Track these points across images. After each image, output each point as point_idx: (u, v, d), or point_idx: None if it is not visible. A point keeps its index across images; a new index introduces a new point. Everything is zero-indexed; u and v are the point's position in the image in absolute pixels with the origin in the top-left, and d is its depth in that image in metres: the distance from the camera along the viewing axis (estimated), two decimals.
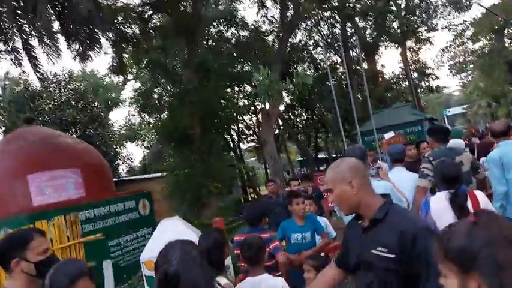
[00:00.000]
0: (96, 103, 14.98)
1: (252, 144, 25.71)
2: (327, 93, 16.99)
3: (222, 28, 14.05)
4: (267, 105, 8.69)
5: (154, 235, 3.49)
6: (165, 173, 11.38)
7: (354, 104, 15.30)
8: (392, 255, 1.52)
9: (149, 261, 3.14)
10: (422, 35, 18.19)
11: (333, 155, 25.58)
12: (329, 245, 3.39)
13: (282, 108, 20.54)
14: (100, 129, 13.45)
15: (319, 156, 22.95)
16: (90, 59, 7.84)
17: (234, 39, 16.27)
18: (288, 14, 10.70)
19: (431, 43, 18.81)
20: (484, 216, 0.99)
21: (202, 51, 9.54)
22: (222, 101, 12.56)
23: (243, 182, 20.35)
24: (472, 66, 24.06)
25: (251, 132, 24.70)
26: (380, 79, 18.63)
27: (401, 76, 19.46)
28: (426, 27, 19.10)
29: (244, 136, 23.33)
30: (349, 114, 16.22)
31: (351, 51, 15.91)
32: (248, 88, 20.63)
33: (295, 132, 20.35)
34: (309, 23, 15.95)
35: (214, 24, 12.71)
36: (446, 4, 18.54)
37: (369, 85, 16.10)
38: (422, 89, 19.27)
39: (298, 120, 22.41)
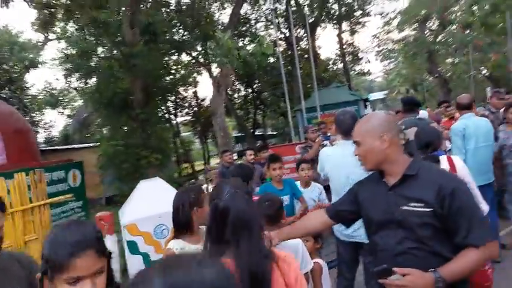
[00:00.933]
0: (12, 63, 13.09)
1: (188, 117, 25.09)
2: (269, 69, 17.08)
3: None
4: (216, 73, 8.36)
5: (133, 197, 3.14)
6: (98, 143, 10.51)
7: (294, 82, 15.68)
8: (429, 209, 1.51)
9: (131, 225, 2.81)
10: (357, 19, 18.91)
11: (269, 133, 26.09)
12: (306, 209, 3.38)
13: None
14: (18, 92, 11.83)
15: (256, 133, 23.19)
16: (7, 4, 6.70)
17: (174, 5, 15.43)
18: None
19: (363, 26, 19.79)
20: None
21: (151, 12, 8.75)
22: (165, 68, 11.89)
23: (178, 156, 19.80)
24: (396, 54, 25.85)
25: (187, 104, 23.99)
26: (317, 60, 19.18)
27: (337, 58, 20.23)
28: (361, 12, 19.97)
29: (179, 109, 22.55)
30: (289, 92, 16.57)
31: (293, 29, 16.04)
32: (187, 58, 19.93)
33: (234, 107, 20.17)
34: None
35: None
36: None
37: (309, 64, 16.51)
38: (355, 72, 20.32)
39: (236, 95, 22.29)
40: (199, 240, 2.03)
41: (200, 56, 18.60)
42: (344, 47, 20.02)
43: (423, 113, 5.16)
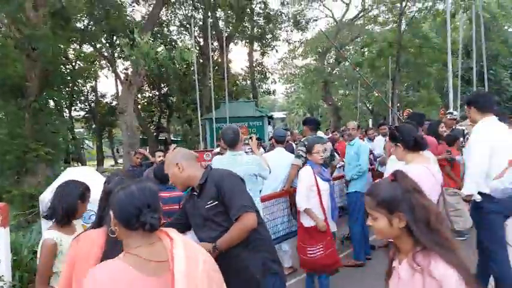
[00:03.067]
0: None
1: (82, 112, 23.12)
2: (180, 74, 16.98)
3: None
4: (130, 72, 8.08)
5: (58, 179, 2.95)
6: None
7: (204, 92, 15.92)
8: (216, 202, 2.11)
9: None
10: (268, 42, 20.13)
11: (172, 138, 25.60)
12: None
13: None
14: None
15: (159, 137, 22.57)
16: None
17: None
18: None
19: (276, 51, 21.19)
20: (398, 175, 1.44)
21: None
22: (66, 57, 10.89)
23: (67, 154, 18.04)
24: (297, 79, 28.16)
25: (83, 98, 22.14)
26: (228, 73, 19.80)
27: (246, 74, 21.15)
28: (272, 36, 21.32)
29: (74, 102, 20.69)
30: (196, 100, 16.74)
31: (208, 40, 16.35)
32: (88, 49, 18.50)
33: (138, 108, 19.33)
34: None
35: None
36: (290, 21, 21.29)
37: (219, 76, 16.96)
38: (263, 91, 21.51)
39: (139, 95, 21.42)
40: (73, 231, 2.12)
41: (103, 50, 17.57)
42: (253, 65, 21.07)
43: (320, 133, 5.92)
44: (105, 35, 15.58)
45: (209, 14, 15.03)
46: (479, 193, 2.96)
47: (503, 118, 3.65)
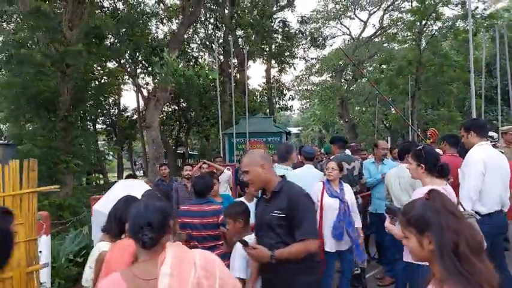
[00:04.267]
0: None
1: (104, 125, 23.76)
2: (196, 90, 17.37)
3: None
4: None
5: (113, 192, 3.12)
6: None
7: (224, 108, 16.21)
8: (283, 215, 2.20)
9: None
10: (285, 59, 20.42)
11: (190, 152, 25.96)
12: None
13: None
14: None
15: (178, 151, 22.93)
16: None
17: (109, 10, 15.02)
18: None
19: (294, 68, 21.47)
20: (433, 194, 1.37)
21: (98, 16, 8.45)
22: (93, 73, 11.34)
23: (91, 165, 18.50)
24: (313, 95, 28.31)
25: (105, 112, 22.76)
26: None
27: (264, 91, 21.43)
28: (289, 53, 21.63)
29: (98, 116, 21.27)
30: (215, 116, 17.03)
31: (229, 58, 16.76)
32: (113, 65, 19.14)
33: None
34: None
35: None
36: (308, 38, 21.61)
37: (239, 92, 17.27)
38: (279, 106, 21.74)
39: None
40: None
41: (127, 65, 18.17)
42: (271, 81, 21.37)
43: (347, 152, 6.01)
44: (128, 52, 16.18)
45: (229, 32, 15.43)
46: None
47: None
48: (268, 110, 20.62)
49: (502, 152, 5.56)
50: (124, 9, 15.67)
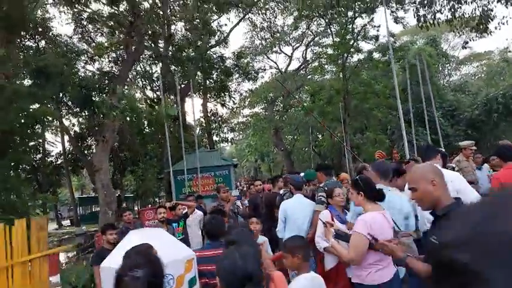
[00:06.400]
0: None
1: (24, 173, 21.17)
2: (138, 129, 16.59)
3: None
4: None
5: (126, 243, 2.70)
6: None
7: (164, 145, 15.67)
8: None
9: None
10: (224, 93, 20.73)
11: (126, 195, 24.27)
12: None
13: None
14: None
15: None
16: None
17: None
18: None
19: (234, 102, 21.80)
20: None
21: (48, 55, 7.66)
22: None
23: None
24: (249, 127, 28.90)
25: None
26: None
27: (202, 124, 21.30)
28: (224, 87, 22.01)
29: None
30: (159, 154, 16.40)
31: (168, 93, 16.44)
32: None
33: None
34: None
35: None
36: (241, 73, 22.27)
37: (177, 127, 16.91)
38: (220, 139, 21.72)
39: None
40: None
41: (51, 106, 16.76)
42: (209, 115, 21.38)
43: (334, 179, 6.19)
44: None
45: (168, 68, 15.26)
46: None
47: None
48: (208, 145, 20.46)
49: (453, 168, 6.22)
50: (48, 47, 14.65)
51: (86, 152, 19.48)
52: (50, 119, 17.87)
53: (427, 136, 17.64)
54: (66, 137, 19.52)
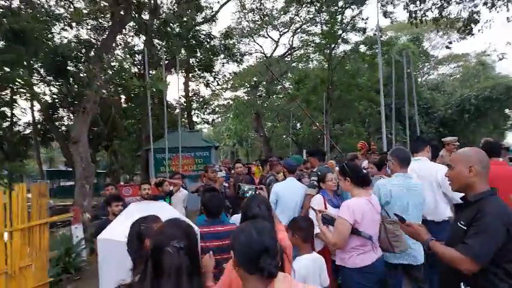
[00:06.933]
0: None
1: None
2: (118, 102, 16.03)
3: None
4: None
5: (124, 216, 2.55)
6: None
7: (143, 121, 15.25)
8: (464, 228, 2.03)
9: None
10: (209, 72, 20.25)
11: (98, 170, 23.62)
12: None
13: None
14: None
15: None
16: None
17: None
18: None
19: (218, 83, 21.39)
20: None
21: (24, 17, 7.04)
22: None
23: None
24: (229, 110, 28.60)
25: None
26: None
27: (183, 104, 20.85)
28: (208, 66, 21.48)
29: None
30: (138, 131, 15.97)
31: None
32: None
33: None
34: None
35: None
36: (226, 54, 21.82)
37: (158, 106, 16.47)
38: (201, 120, 21.38)
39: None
40: None
41: (22, 72, 15.84)
42: (190, 95, 20.95)
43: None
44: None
45: (152, 43, 14.73)
46: None
47: None
48: (188, 125, 20.11)
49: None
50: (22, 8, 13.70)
51: (57, 123, 18.67)
52: (22, 83, 17.07)
53: (402, 131, 18.16)
54: (37, 107, 18.61)
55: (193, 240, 1.45)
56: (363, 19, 18.98)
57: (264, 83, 25.82)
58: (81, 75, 11.53)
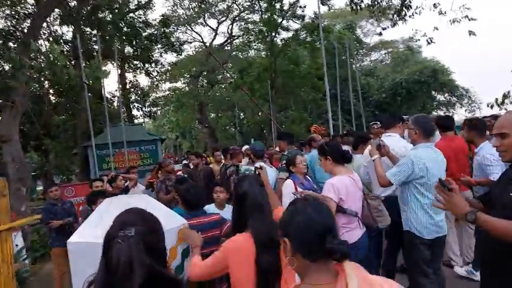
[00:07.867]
0: None
1: None
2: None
3: None
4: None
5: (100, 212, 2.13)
6: None
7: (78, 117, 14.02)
8: None
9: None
10: (148, 62, 19.13)
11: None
12: None
13: None
14: None
15: None
16: None
17: None
18: None
19: (157, 72, 20.30)
20: None
21: None
22: None
23: None
24: (170, 102, 27.53)
25: None
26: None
27: (119, 97, 19.56)
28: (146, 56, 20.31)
29: None
30: (75, 127, 14.57)
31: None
32: None
33: None
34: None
35: None
36: (164, 43, 20.81)
37: (95, 100, 15.24)
38: (142, 113, 20.25)
39: None
40: None
41: None
42: (128, 87, 19.75)
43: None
44: None
45: (82, 31, 13.49)
46: None
47: None
48: (127, 119, 18.94)
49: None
50: None
51: None
52: None
53: (342, 116, 18.93)
54: None
55: (153, 226, 1.19)
56: (300, 7, 19.28)
57: (205, 72, 25.20)
58: (4, 65, 10.18)
